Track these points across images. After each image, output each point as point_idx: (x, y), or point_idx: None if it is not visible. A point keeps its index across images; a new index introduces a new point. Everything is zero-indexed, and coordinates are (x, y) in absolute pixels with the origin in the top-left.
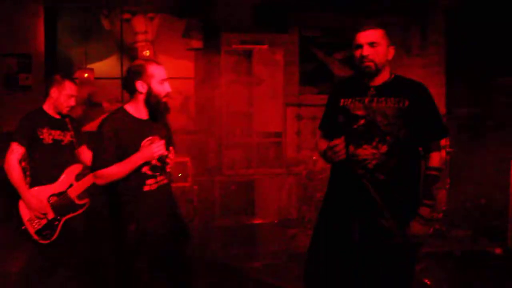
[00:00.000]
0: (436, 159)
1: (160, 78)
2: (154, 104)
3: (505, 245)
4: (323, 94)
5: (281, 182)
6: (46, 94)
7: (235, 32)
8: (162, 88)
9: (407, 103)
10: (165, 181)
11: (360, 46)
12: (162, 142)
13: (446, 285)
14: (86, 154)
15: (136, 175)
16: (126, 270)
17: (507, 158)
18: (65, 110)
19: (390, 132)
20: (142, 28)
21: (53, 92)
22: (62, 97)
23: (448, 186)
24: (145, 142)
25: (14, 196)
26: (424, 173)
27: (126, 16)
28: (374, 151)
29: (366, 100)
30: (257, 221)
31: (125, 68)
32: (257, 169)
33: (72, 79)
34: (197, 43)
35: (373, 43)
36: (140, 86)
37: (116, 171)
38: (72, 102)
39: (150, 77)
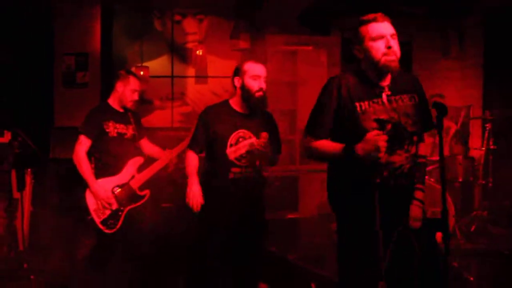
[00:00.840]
0: (423, 147)
1: (252, 73)
2: (247, 98)
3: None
4: None
5: (323, 178)
6: (109, 90)
7: (281, 33)
8: (255, 83)
9: (417, 98)
10: (251, 174)
11: (381, 37)
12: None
13: (490, 283)
14: (147, 146)
15: (225, 161)
16: (198, 253)
17: None
18: (129, 104)
19: (415, 131)
20: (192, 29)
21: (119, 86)
22: (127, 92)
23: (491, 184)
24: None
25: (79, 187)
26: (416, 160)
27: (177, 18)
28: (407, 154)
29: (385, 101)
30: (300, 215)
31: (175, 67)
32: (300, 166)
33: (136, 75)
34: (244, 44)
35: (394, 34)
36: (236, 81)
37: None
38: (136, 96)
39: (244, 73)
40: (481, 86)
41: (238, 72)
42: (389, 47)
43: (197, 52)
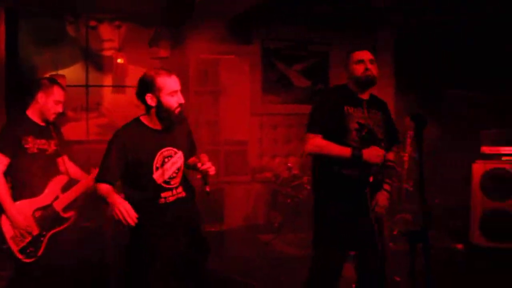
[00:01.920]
0: (392, 155)
1: (170, 90)
2: (166, 117)
3: (467, 242)
4: (284, 104)
5: (248, 189)
6: (16, 101)
7: (203, 42)
8: (173, 100)
9: (385, 117)
10: (183, 194)
11: (362, 61)
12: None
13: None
14: (67, 165)
15: (152, 187)
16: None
17: (467, 162)
18: (52, 117)
19: (383, 139)
20: (109, 36)
21: (40, 97)
22: (50, 103)
23: (411, 188)
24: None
25: None
26: (386, 164)
27: (92, 23)
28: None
29: (365, 111)
30: (225, 227)
31: (91, 76)
32: (224, 177)
33: (61, 84)
34: (164, 52)
35: (373, 60)
36: (150, 99)
37: None
38: (60, 108)
39: (159, 90)
40: (392, 94)
41: (149, 88)
42: (367, 69)
43: (118, 60)
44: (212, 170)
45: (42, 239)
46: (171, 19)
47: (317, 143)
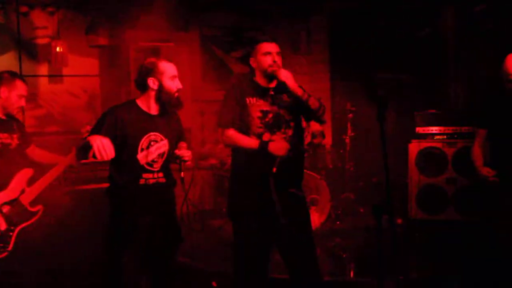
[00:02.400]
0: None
1: (171, 74)
2: (166, 100)
3: (406, 217)
4: (224, 90)
5: (193, 176)
6: None
7: (142, 29)
8: (173, 84)
9: (289, 97)
10: (163, 180)
11: (269, 53)
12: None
13: (360, 255)
14: (36, 153)
15: (135, 167)
16: (113, 263)
17: (405, 141)
18: (15, 111)
19: (292, 119)
20: (42, 23)
21: (3, 91)
22: (13, 97)
23: (352, 168)
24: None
25: None
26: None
27: (23, 9)
28: (284, 135)
29: (269, 99)
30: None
31: (24, 65)
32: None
33: (23, 78)
34: (103, 40)
35: (279, 52)
36: (152, 82)
37: None
38: (23, 102)
39: (161, 74)
40: (328, 79)
41: (151, 72)
42: (274, 62)
43: (57, 49)
44: (187, 157)
45: (11, 234)
46: (108, 6)
47: (229, 134)
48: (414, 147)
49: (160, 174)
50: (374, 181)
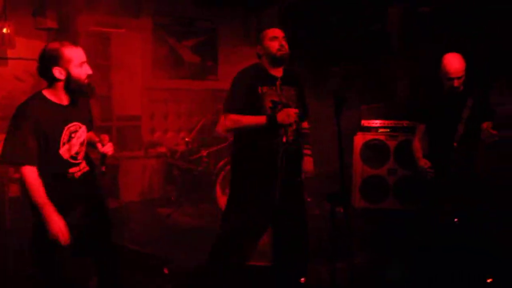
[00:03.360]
0: (306, 124)
1: (79, 61)
2: (76, 89)
3: (350, 206)
4: (175, 79)
5: (142, 164)
6: None
7: (93, 14)
8: (82, 71)
9: (298, 90)
10: (87, 168)
11: (276, 38)
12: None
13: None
14: None
15: (60, 162)
16: (47, 259)
17: (350, 134)
18: None
19: (297, 112)
20: None
21: None
22: None
23: None
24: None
25: None
26: (301, 131)
27: None
28: (292, 128)
29: (278, 88)
30: (121, 203)
31: None
32: (120, 153)
33: None
34: (51, 23)
35: (285, 37)
36: (58, 73)
37: None
38: None
39: (68, 62)
40: None
41: (56, 60)
42: (282, 45)
43: (4, 30)
44: (111, 151)
45: None
46: None
47: (234, 118)
48: (359, 139)
49: (84, 164)
50: (321, 171)
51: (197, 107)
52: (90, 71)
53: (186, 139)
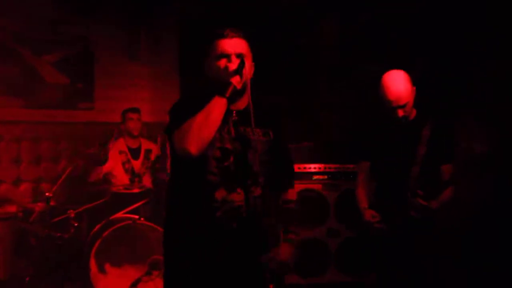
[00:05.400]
0: (291, 192)
1: None
2: None
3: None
4: (31, 108)
5: None
6: None
7: None
8: None
9: (271, 135)
10: None
11: (225, 56)
12: None
13: None
14: None
15: None
16: None
17: None
18: None
19: (262, 172)
20: None
21: None
22: None
23: None
24: None
25: None
26: (285, 206)
27: None
28: (249, 195)
29: (231, 129)
30: None
31: None
32: None
33: None
34: None
35: (241, 54)
36: None
37: None
38: None
39: None
40: (176, 96)
41: None
42: (231, 70)
43: None
44: None
45: None
46: None
47: (181, 129)
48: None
49: None
50: None
51: (64, 148)
52: None
53: (47, 193)
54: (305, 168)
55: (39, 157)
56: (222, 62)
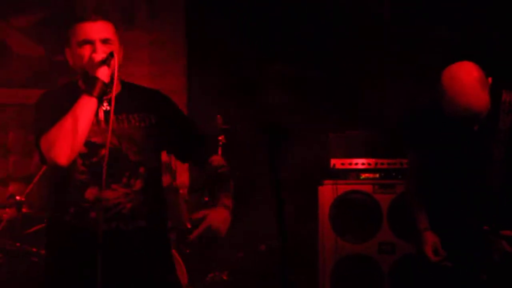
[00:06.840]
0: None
1: None
2: None
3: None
4: None
5: None
6: None
7: None
8: None
9: (153, 119)
10: None
11: (88, 42)
12: None
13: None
14: None
15: None
16: None
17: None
18: None
19: (141, 161)
20: None
21: None
22: None
23: None
24: None
25: None
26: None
27: None
28: (127, 190)
29: (101, 119)
30: None
31: None
32: None
33: None
34: None
35: (107, 40)
36: None
37: None
38: None
39: None
40: (183, 71)
41: None
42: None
43: None
44: None
45: None
46: None
47: (47, 135)
48: (326, 192)
49: None
50: (262, 250)
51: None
52: None
53: (18, 197)
54: (350, 164)
55: (7, 150)
56: (86, 50)
